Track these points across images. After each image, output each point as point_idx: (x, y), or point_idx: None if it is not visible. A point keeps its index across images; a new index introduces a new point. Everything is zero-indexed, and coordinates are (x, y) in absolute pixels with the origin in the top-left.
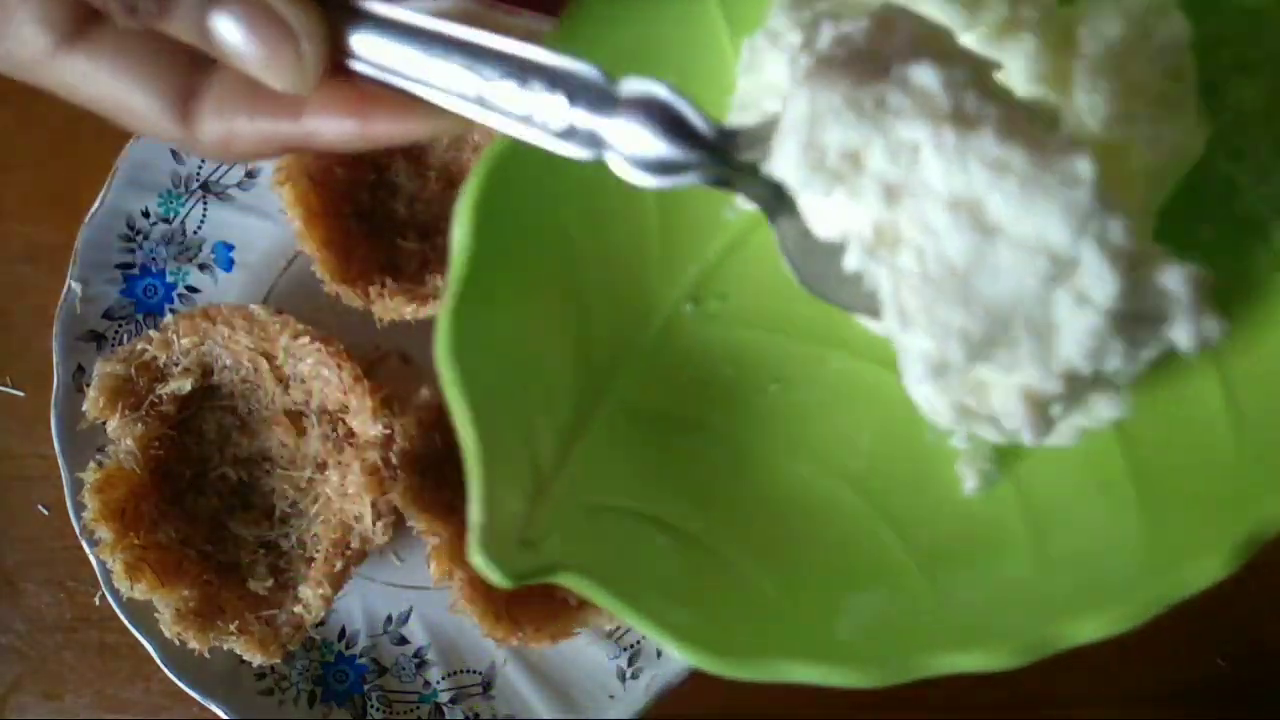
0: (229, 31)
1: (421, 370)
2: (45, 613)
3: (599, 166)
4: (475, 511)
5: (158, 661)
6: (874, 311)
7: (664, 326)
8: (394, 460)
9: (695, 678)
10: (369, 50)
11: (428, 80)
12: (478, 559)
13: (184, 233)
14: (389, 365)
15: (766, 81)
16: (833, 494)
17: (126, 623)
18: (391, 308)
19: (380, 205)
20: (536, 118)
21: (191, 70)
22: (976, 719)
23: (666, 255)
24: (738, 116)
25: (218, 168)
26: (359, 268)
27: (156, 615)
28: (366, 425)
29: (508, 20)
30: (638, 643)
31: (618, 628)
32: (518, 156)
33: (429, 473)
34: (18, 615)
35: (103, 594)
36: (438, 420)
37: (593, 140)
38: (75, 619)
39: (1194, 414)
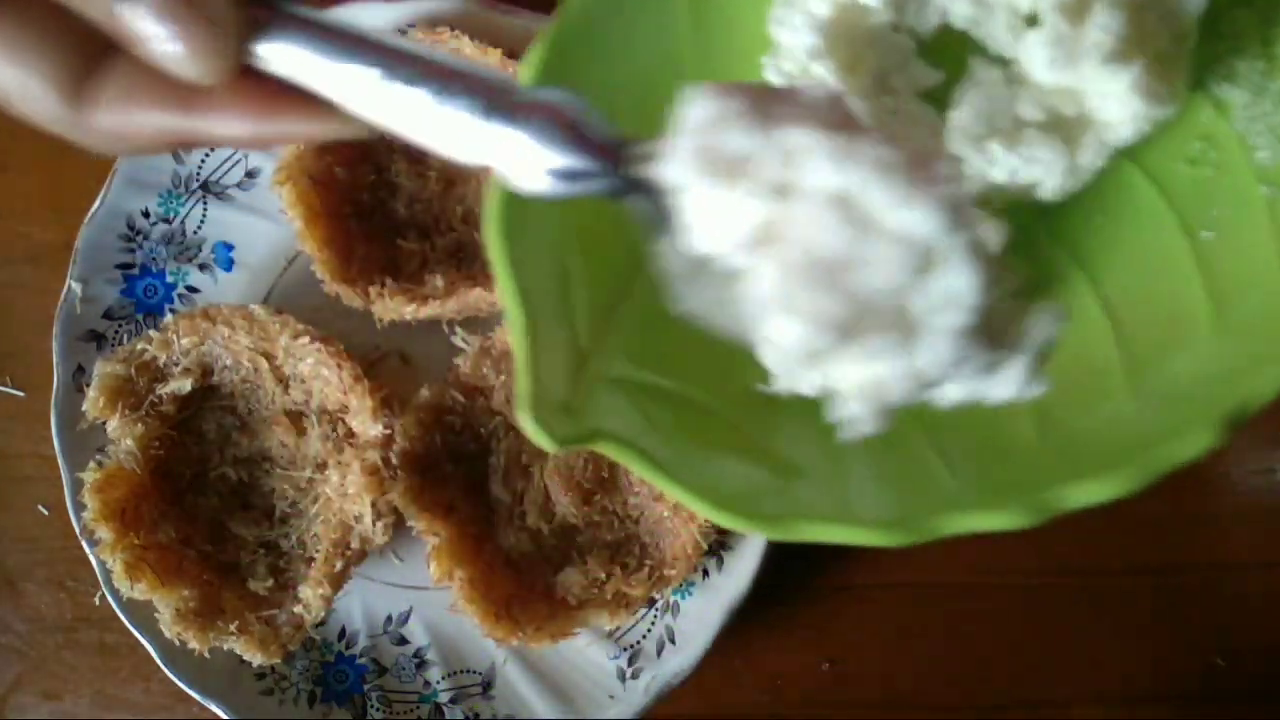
0: (139, 15)
1: (421, 370)
2: (45, 613)
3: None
4: (522, 378)
5: (158, 661)
6: (745, 334)
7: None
8: (394, 460)
9: (695, 678)
10: (279, 49)
11: (336, 83)
12: (526, 423)
13: (184, 233)
14: (389, 365)
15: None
16: None
17: (126, 623)
18: (391, 308)
19: (380, 205)
20: (443, 126)
21: (91, 54)
22: (977, 718)
23: None
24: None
25: (218, 167)
26: (359, 268)
27: (156, 615)
28: (366, 425)
29: (507, 20)
30: (638, 643)
31: (618, 628)
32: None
33: (429, 473)
34: (18, 615)
35: (103, 594)
36: (437, 420)
37: (493, 147)
38: (75, 619)
39: (1177, 310)
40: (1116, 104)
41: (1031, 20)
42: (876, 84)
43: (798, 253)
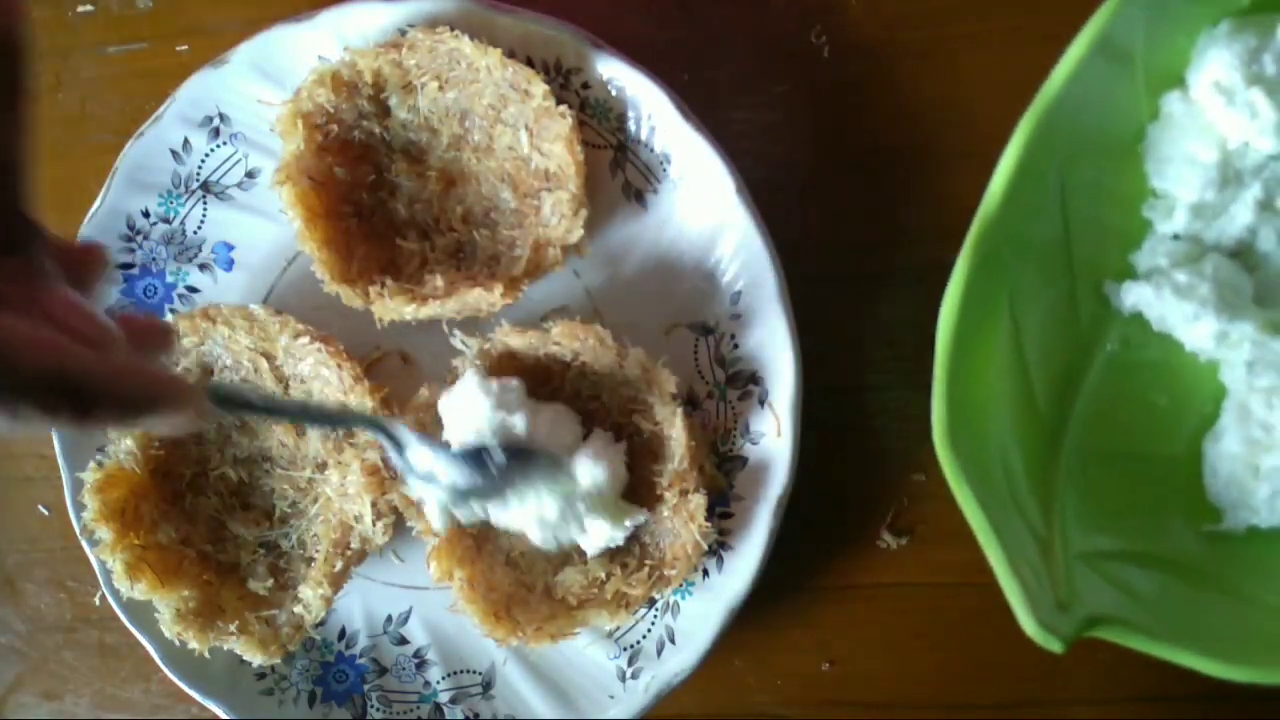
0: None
1: (421, 370)
2: (45, 613)
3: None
4: (1011, 587)
5: (158, 661)
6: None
7: (1098, 371)
8: None
9: (694, 678)
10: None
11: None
12: (1034, 630)
13: (184, 233)
14: (389, 365)
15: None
16: None
17: (126, 623)
18: (391, 308)
19: (380, 205)
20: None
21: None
22: (977, 718)
23: (1092, 300)
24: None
25: (218, 168)
26: (359, 268)
27: (156, 615)
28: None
29: (507, 20)
30: (638, 643)
31: (618, 627)
32: (979, 248)
33: None
34: (18, 615)
35: (103, 594)
36: (437, 419)
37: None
38: (75, 619)
39: None
40: None
41: None
42: (1265, 209)
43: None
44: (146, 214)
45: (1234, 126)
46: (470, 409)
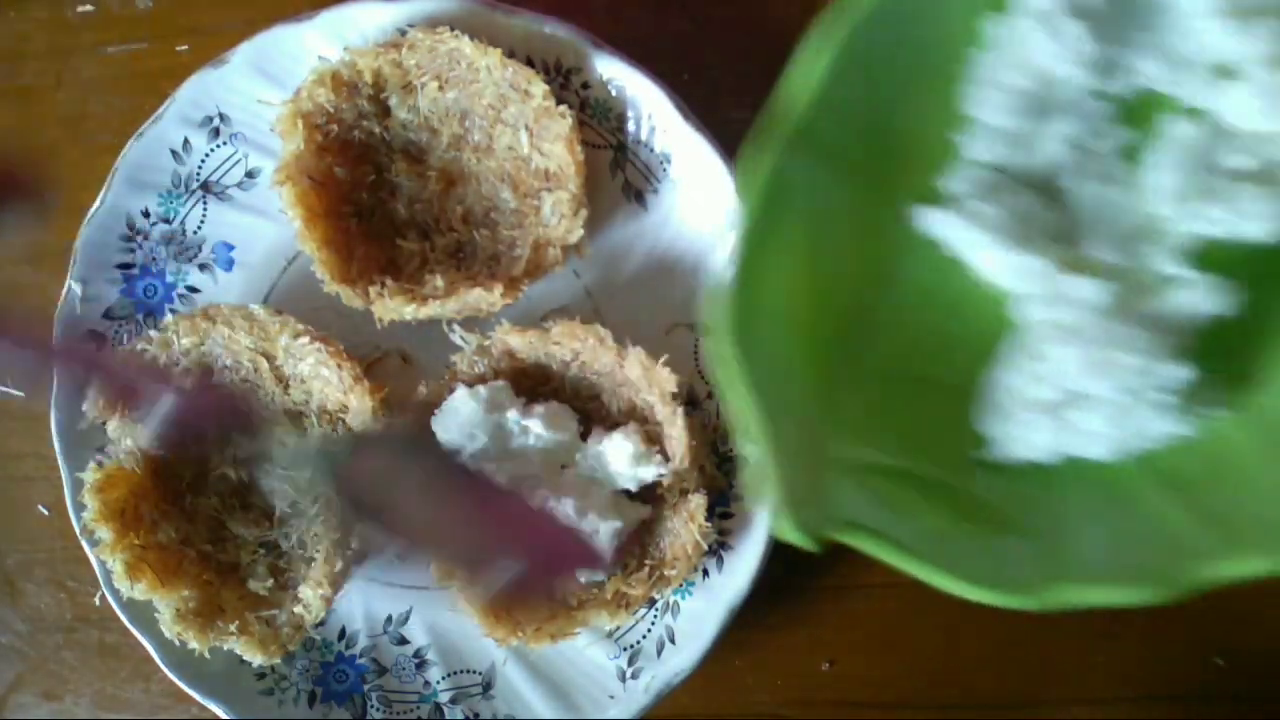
0: None
1: (421, 370)
2: (45, 613)
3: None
4: (772, 485)
5: (158, 661)
6: None
7: (896, 291)
8: None
9: (694, 678)
10: None
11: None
12: (785, 529)
13: (184, 233)
14: (389, 365)
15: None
16: None
17: (126, 623)
18: (391, 308)
19: (380, 205)
20: None
21: None
22: (977, 718)
23: (896, 220)
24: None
25: (218, 168)
26: (359, 268)
27: (156, 615)
28: (366, 425)
29: (507, 20)
30: (638, 643)
31: (618, 627)
32: (782, 149)
33: None
34: (18, 615)
35: (103, 594)
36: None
37: None
38: (75, 619)
39: None
40: None
41: (1224, 72)
42: (1075, 146)
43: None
44: (146, 214)
45: (1052, 58)
46: (462, 418)
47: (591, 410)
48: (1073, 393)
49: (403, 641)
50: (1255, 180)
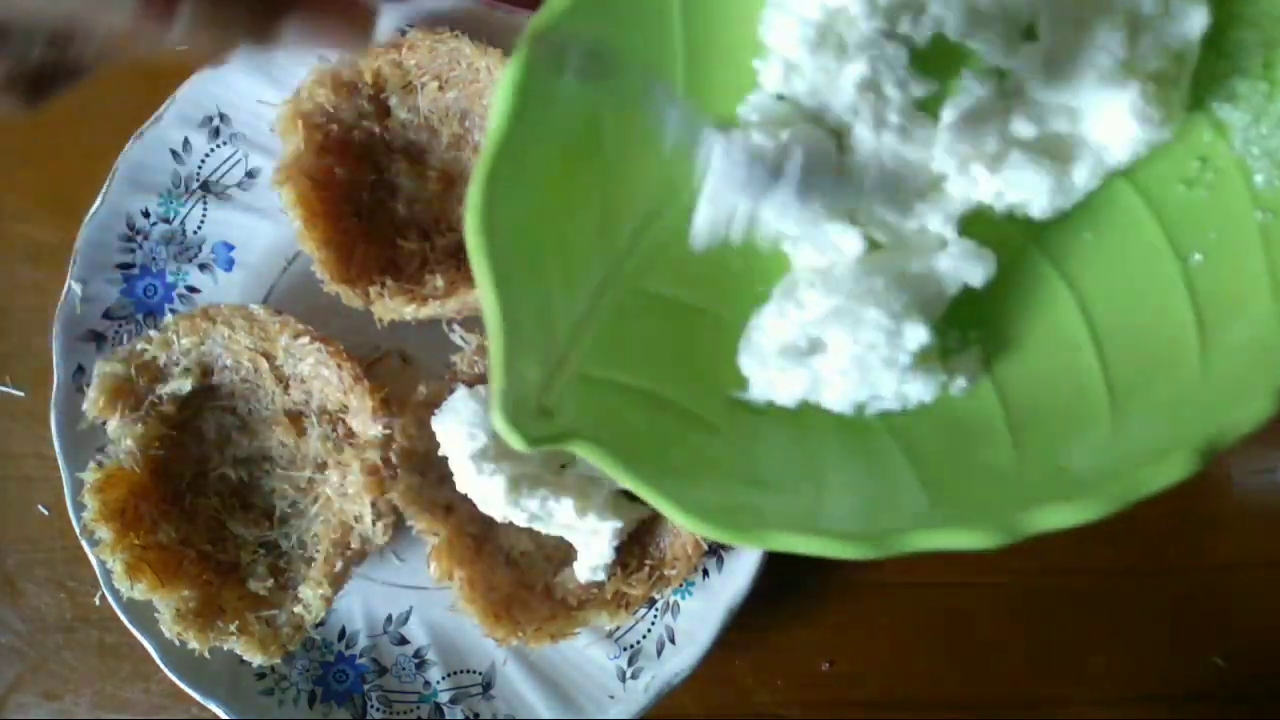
0: None
1: (421, 370)
2: (45, 613)
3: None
4: (496, 376)
5: (158, 661)
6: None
7: (679, 214)
8: (394, 460)
9: (694, 678)
10: None
11: None
12: (499, 422)
13: (184, 233)
14: (389, 365)
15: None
16: None
17: (126, 623)
18: (391, 308)
19: (380, 205)
20: None
21: None
22: (977, 718)
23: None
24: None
25: (218, 167)
26: (359, 268)
27: (156, 615)
28: (366, 425)
29: (507, 20)
30: (638, 643)
31: (618, 628)
32: (551, 51)
33: (429, 471)
34: (18, 615)
35: (103, 594)
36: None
37: None
38: (75, 619)
39: (1163, 334)
40: (1112, 125)
41: (1029, 33)
42: (867, 90)
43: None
44: (146, 214)
45: None
46: (463, 418)
47: None
48: (817, 339)
49: (403, 641)
50: (1037, 151)
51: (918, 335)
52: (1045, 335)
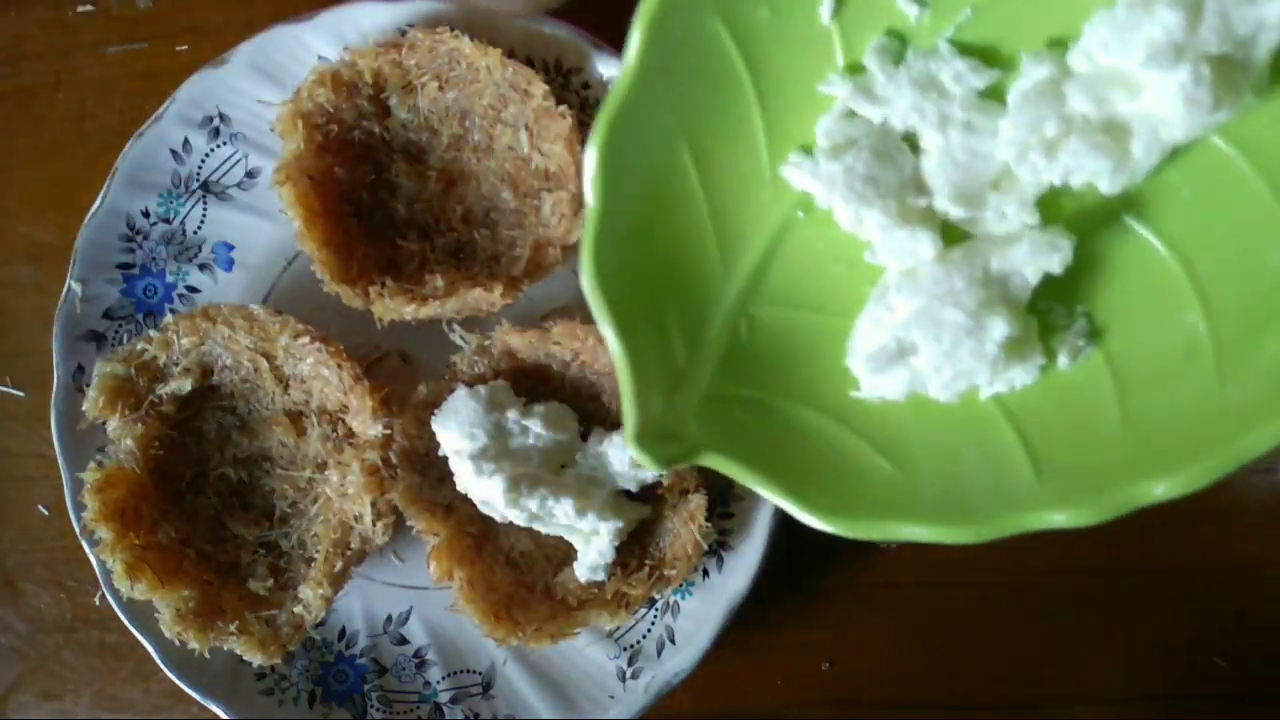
0: None
1: (421, 370)
2: (45, 613)
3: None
4: (628, 410)
5: (158, 661)
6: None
7: (779, 233)
8: (393, 460)
9: (694, 678)
10: None
11: None
12: (635, 450)
13: (184, 233)
14: (389, 365)
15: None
16: None
17: (126, 623)
18: (391, 308)
19: (380, 205)
20: None
21: None
22: (977, 718)
23: (779, 167)
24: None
25: (218, 168)
26: (359, 268)
27: (156, 615)
28: (366, 425)
29: (507, 20)
30: (638, 643)
31: (618, 627)
32: (635, 100)
33: (429, 471)
34: (18, 615)
35: (103, 594)
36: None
37: None
38: (75, 619)
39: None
40: (1168, 102)
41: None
42: (931, 96)
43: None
44: (146, 214)
45: (908, 7)
46: (463, 418)
47: (592, 410)
48: (907, 342)
49: (403, 641)
50: (1095, 130)
51: (1000, 328)
52: (1150, 300)
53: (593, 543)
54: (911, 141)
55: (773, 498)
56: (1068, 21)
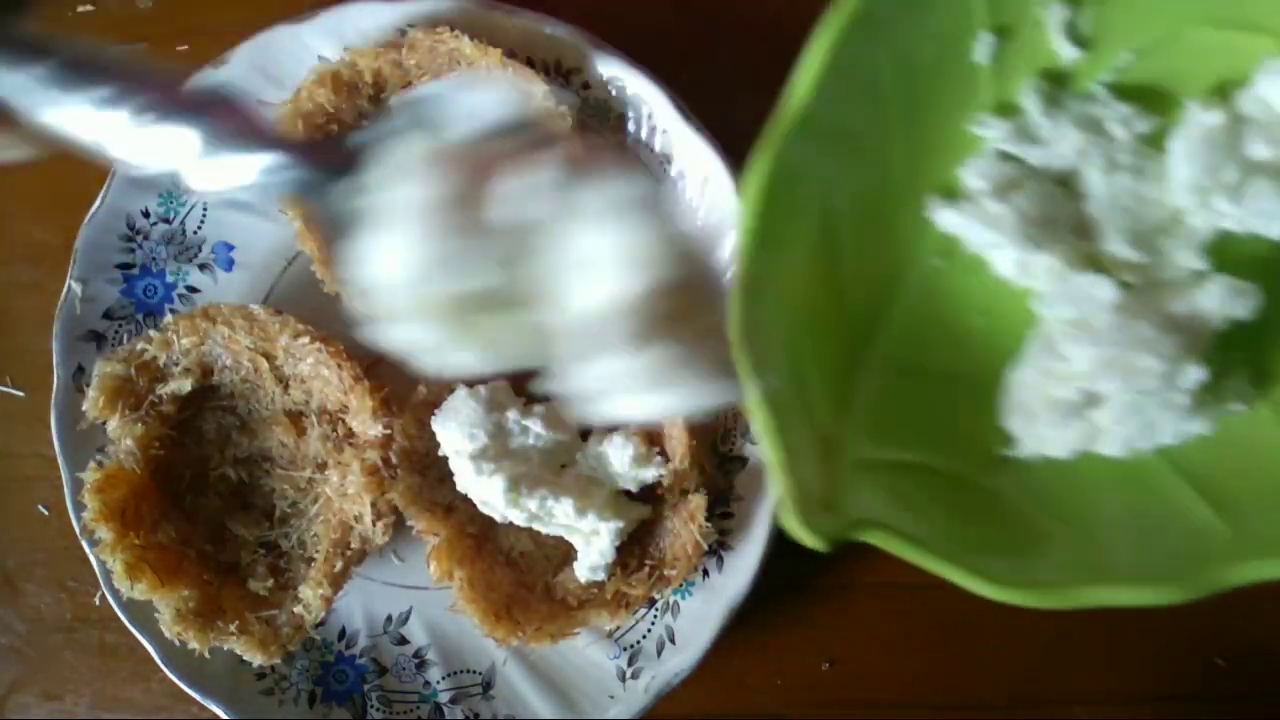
0: None
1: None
2: (45, 613)
3: (860, 143)
4: (779, 482)
5: (158, 661)
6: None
7: (916, 284)
8: (394, 460)
9: (694, 678)
10: None
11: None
12: (793, 526)
13: (184, 233)
14: (389, 365)
15: None
16: None
17: (126, 623)
18: None
19: None
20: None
21: None
22: (977, 718)
23: (915, 213)
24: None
25: None
26: None
27: (156, 615)
28: (366, 425)
29: (507, 20)
30: (638, 643)
31: (618, 628)
32: (795, 131)
33: (429, 471)
34: (18, 615)
35: (103, 594)
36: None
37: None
38: (75, 619)
39: None
40: None
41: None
42: (1095, 139)
43: None
44: (146, 214)
45: (1065, 49)
46: (463, 418)
47: None
48: (1091, 393)
49: (403, 641)
50: (1275, 174)
51: (1195, 375)
52: None
53: (593, 543)
54: (1066, 185)
55: (945, 573)
56: (1235, 66)
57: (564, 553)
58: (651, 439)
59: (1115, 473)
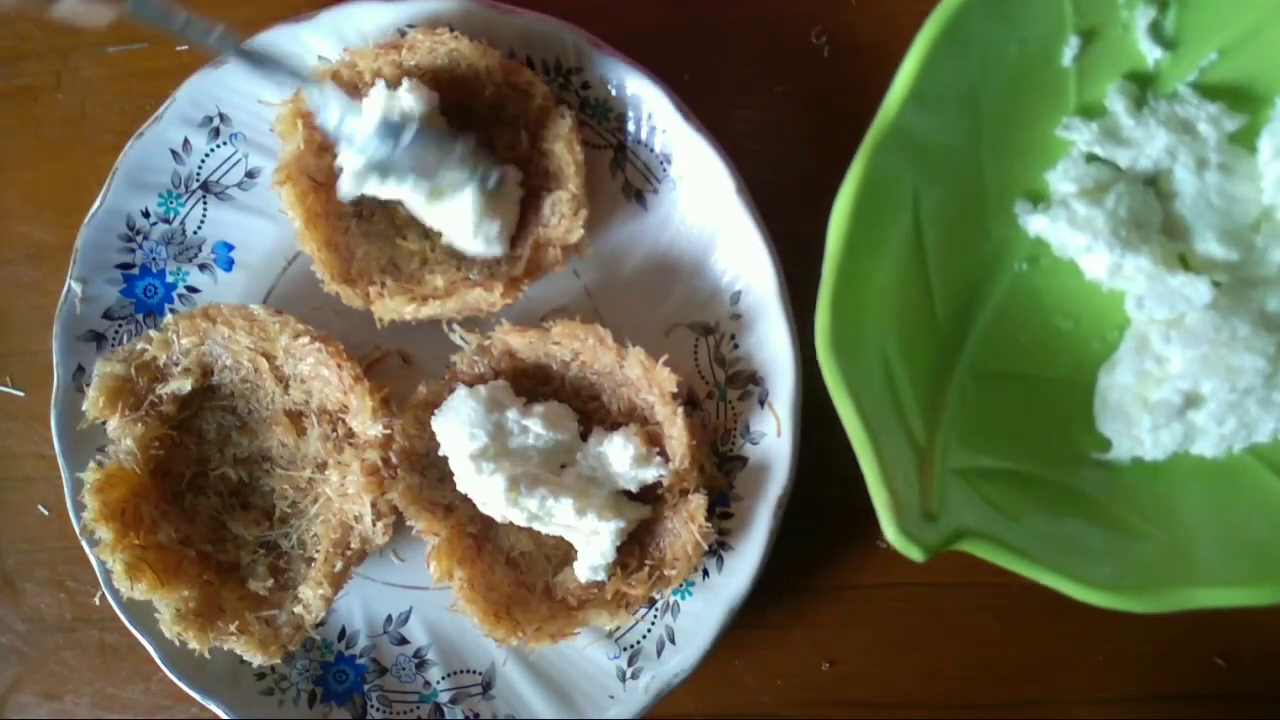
0: None
1: (421, 370)
2: (45, 613)
3: (949, 151)
4: (878, 494)
5: (158, 661)
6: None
7: (1004, 291)
8: (394, 460)
9: (694, 678)
10: None
11: None
12: (895, 538)
13: (184, 233)
14: (389, 365)
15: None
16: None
17: (126, 623)
18: (391, 308)
19: (380, 205)
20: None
21: None
22: (977, 718)
23: (1003, 217)
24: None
25: (218, 167)
26: (359, 268)
27: (156, 615)
28: (366, 425)
29: (507, 20)
30: (638, 643)
31: (618, 628)
32: (876, 156)
33: (429, 471)
34: (18, 615)
35: (103, 594)
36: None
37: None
38: (75, 619)
39: None
40: None
41: None
42: (1183, 139)
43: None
44: (146, 214)
45: (1150, 50)
46: (463, 418)
47: (591, 410)
48: (1190, 394)
49: (403, 641)
50: None
51: None
52: None
53: (593, 543)
54: (1154, 186)
55: (1044, 579)
56: None
57: (564, 553)
58: (651, 439)
59: (1206, 471)
